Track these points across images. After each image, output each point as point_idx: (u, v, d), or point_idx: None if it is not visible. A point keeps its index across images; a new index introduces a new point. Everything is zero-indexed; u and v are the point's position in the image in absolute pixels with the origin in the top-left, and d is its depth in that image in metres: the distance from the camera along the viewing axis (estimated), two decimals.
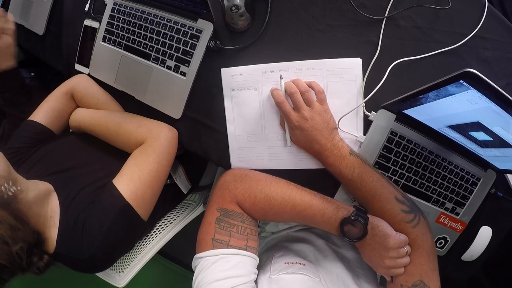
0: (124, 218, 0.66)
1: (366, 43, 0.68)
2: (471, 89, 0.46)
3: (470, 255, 0.77)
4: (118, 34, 0.83)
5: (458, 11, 0.65)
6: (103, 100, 0.86)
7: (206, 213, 0.65)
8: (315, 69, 0.68)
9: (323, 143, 0.64)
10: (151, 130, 0.75)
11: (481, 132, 0.56)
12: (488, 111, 0.48)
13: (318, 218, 0.61)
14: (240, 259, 0.58)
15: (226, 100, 0.73)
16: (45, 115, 0.85)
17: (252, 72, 0.70)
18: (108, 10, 0.84)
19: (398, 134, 0.68)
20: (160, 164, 0.72)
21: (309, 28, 0.70)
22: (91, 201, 0.67)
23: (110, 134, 0.79)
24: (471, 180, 0.72)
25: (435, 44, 0.66)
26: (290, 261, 0.65)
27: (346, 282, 0.65)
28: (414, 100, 0.58)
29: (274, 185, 0.64)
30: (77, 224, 0.64)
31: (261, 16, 0.71)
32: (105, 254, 0.66)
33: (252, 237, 0.62)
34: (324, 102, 0.66)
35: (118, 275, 0.91)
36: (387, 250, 0.60)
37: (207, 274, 0.56)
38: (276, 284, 0.59)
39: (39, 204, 0.64)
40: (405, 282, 0.61)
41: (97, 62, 0.87)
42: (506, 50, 0.66)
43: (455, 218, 0.74)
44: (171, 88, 0.77)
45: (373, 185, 0.62)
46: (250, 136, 0.73)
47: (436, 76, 0.49)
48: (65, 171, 0.75)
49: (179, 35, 0.75)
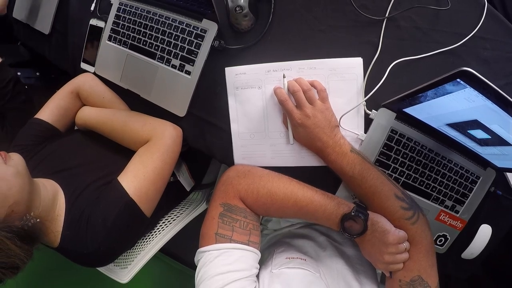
0: (128, 214, 0.67)
1: (367, 43, 0.69)
2: (468, 88, 0.46)
3: (470, 253, 0.78)
4: (123, 33, 0.84)
5: (458, 11, 0.66)
6: (108, 98, 0.87)
7: (209, 208, 0.66)
8: (317, 69, 0.69)
9: (325, 141, 0.65)
10: (156, 128, 0.77)
11: (479, 130, 0.57)
12: (485, 109, 0.49)
13: (319, 213, 0.62)
14: (242, 254, 0.59)
15: (230, 98, 0.75)
16: (51, 114, 0.87)
17: (255, 71, 0.72)
18: (113, 10, 0.85)
19: (398, 132, 0.69)
20: (164, 162, 0.73)
21: (311, 29, 0.71)
22: (96, 197, 0.69)
23: (115, 132, 0.81)
24: (470, 178, 0.73)
25: (435, 44, 0.66)
26: (291, 256, 0.66)
27: (346, 277, 0.66)
28: (413, 98, 0.59)
29: (276, 181, 0.65)
30: (82, 219, 0.66)
31: (264, 16, 0.73)
32: (109, 249, 0.67)
33: (255, 232, 0.63)
34: (326, 100, 0.67)
35: (122, 271, 0.92)
36: (386, 246, 0.61)
37: (209, 268, 0.57)
38: (277, 278, 0.60)
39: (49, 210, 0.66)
40: (404, 277, 0.62)
41: (102, 61, 0.89)
42: (505, 50, 0.67)
43: (455, 216, 0.75)
44: (176, 86, 0.79)
45: (373, 182, 0.63)
46: (253, 133, 0.75)
47: (436, 76, 0.50)
48: (71, 168, 0.76)
49: (184, 35, 0.76)
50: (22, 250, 0.57)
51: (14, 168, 0.61)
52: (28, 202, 0.61)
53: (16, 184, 0.59)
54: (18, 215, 0.59)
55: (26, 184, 0.61)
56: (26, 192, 0.60)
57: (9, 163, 0.62)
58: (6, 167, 0.60)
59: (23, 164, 0.64)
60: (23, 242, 0.57)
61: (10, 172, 0.60)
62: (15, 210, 0.58)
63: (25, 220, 0.60)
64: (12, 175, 0.59)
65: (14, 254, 0.55)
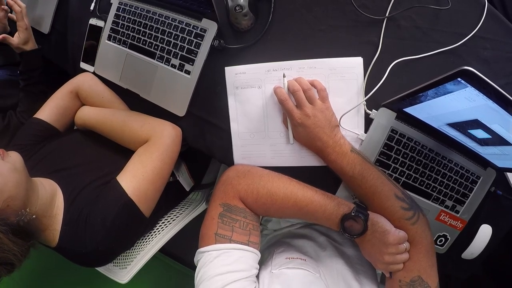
0: (126, 213, 0.67)
1: (367, 43, 0.69)
2: (469, 87, 0.46)
3: (470, 253, 0.78)
4: (123, 33, 0.84)
5: (458, 11, 0.66)
6: (108, 98, 0.87)
7: (209, 208, 0.66)
8: (317, 68, 0.69)
9: (325, 140, 0.65)
10: (155, 128, 0.76)
11: (479, 129, 0.56)
12: (486, 108, 0.49)
13: (319, 214, 0.62)
14: (242, 254, 0.59)
15: (229, 98, 0.75)
16: (50, 113, 0.86)
17: (255, 70, 0.71)
18: (113, 9, 0.85)
19: (399, 132, 0.69)
20: (164, 162, 0.73)
21: (311, 28, 0.71)
22: (94, 196, 0.68)
23: (114, 132, 0.81)
24: (471, 178, 0.73)
25: (435, 44, 0.66)
26: (291, 256, 0.66)
27: (346, 277, 0.66)
28: (413, 98, 0.59)
29: (276, 181, 0.65)
30: (80, 218, 0.65)
31: (264, 16, 0.72)
32: (107, 249, 0.67)
33: (254, 232, 0.63)
34: (326, 100, 0.67)
35: (121, 272, 0.92)
36: (386, 246, 0.60)
37: (209, 268, 0.57)
38: (277, 278, 0.60)
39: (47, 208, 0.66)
40: (404, 277, 0.62)
41: (102, 60, 0.88)
42: (505, 50, 0.67)
43: (455, 216, 0.74)
44: (176, 86, 0.78)
45: (373, 182, 0.63)
46: (253, 133, 0.74)
47: (436, 75, 0.50)
48: (70, 168, 0.76)
49: (184, 34, 0.76)
50: (16, 245, 0.57)
51: (11, 164, 0.62)
52: (24, 198, 0.61)
53: (12, 179, 0.60)
54: (13, 210, 0.59)
55: (23, 180, 0.62)
56: (22, 188, 0.61)
57: (7, 159, 0.62)
58: (3, 162, 0.61)
59: (20, 161, 0.64)
60: (17, 237, 0.57)
61: (6, 167, 0.60)
62: (10, 205, 0.58)
63: (21, 216, 0.60)
64: (8, 170, 0.60)
65: (7, 249, 0.55)
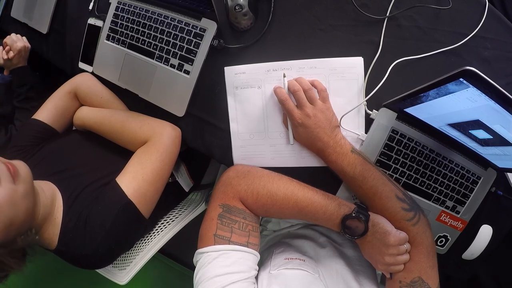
0: (126, 215, 0.66)
1: (368, 43, 0.69)
2: (471, 87, 0.46)
3: (471, 254, 0.77)
4: (122, 32, 0.83)
5: (459, 11, 0.65)
6: (106, 98, 0.87)
7: (208, 209, 0.65)
8: (318, 68, 0.69)
9: (326, 141, 0.65)
10: (154, 129, 0.76)
11: (481, 130, 0.56)
12: (488, 109, 0.48)
13: (320, 214, 0.62)
14: (241, 255, 0.59)
15: (229, 98, 0.74)
16: (48, 114, 0.86)
17: (255, 70, 0.71)
18: (112, 9, 0.85)
19: (399, 133, 0.69)
20: (163, 163, 0.73)
21: (311, 28, 0.71)
22: (94, 198, 0.68)
23: (114, 133, 0.80)
24: (471, 178, 0.72)
25: (435, 44, 0.66)
26: (290, 257, 0.66)
27: (345, 278, 0.66)
28: (415, 98, 0.59)
29: (276, 181, 0.65)
30: (80, 220, 0.65)
31: (264, 15, 0.72)
32: (107, 250, 0.66)
33: (254, 233, 0.63)
34: (326, 100, 0.67)
35: (120, 273, 0.91)
36: (387, 247, 0.60)
37: (208, 269, 0.57)
38: (275, 279, 0.59)
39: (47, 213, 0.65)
40: (404, 278, 0.61)
41: (101, 60, 0.88)
42: (506, 50, 0.66)
43: (455, 217, 0.74)
44: (175, 86, 0.78)
45: (374, 183, 0.63)
46: (253, 134, 0.74)
47: (437, 75, 0.50)
48: (69, 169, 0.75)
49: (183, 34, 0.76)
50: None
51: (23, 187, 0.57)
52: (31, 220, 0.60)
53: (23, 206, 0.56)
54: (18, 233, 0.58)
55: (32, 200, 0.59)
56: (31, 210, 0.59)
57: (18, 180, 0.57)
58: (14, 188, 0.56)
59: (30, 176, 0.60)
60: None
61: (19, 193, 0.56)
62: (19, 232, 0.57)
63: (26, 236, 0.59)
64: (21, 197, 0.56)
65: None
